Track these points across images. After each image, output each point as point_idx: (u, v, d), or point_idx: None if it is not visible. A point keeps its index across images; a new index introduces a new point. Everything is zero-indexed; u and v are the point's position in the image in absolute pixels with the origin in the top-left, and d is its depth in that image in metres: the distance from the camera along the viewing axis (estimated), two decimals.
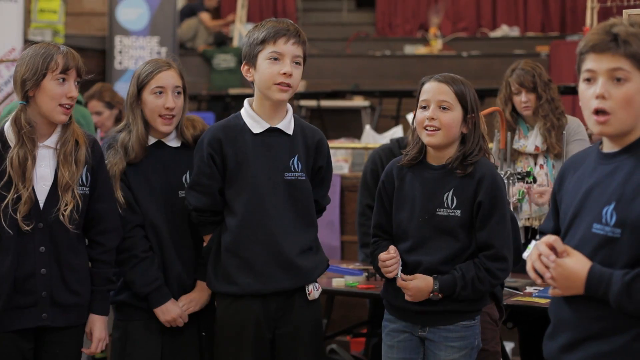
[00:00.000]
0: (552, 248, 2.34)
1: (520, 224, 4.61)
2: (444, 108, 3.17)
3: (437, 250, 3.17)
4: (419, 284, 3.14)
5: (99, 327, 3.31)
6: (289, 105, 3.39)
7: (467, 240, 3.18)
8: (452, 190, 3.18)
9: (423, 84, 3.25)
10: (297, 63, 3.27)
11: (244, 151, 3.31)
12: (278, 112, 3.35)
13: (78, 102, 5.75)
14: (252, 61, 3.30)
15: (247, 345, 3.31)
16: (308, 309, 3.37)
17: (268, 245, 3.28)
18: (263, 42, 3.25)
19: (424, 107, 3.20)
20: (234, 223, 3.31)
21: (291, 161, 3.33)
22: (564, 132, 4.50)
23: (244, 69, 3.34)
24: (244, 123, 3.35)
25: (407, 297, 3.17)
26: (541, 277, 2.37)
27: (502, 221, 3.17)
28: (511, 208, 4.04)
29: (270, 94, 3.27)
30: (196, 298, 3.50)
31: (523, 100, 4.64)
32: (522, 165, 4.69)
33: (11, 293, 3.11)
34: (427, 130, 3.17)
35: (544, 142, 4.59)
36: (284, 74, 3.22)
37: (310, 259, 3.35)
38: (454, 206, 3.17)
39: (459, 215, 3.16)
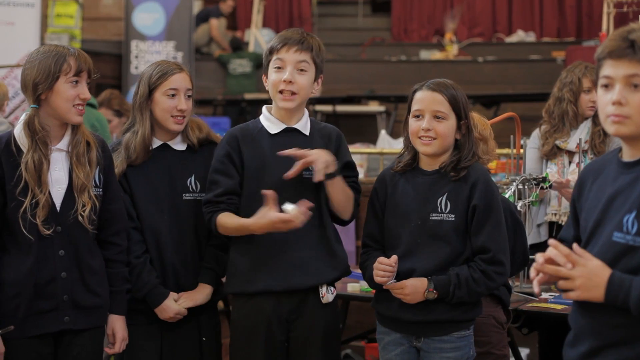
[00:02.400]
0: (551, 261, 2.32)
1: (547, 218, 4.65)
2: (438, 117, 3.16)
3: (431, 256, 3.14)
4: (415, 282, 3.10)
5: (120, 327, 3.32)
6: (305, 109, 3.44)
7: (461, 246, 3.16)
8: (445, 195, 3.16)
9: (415, 91, 3.24)
10: (301, 70, 3.32)
11: (261, 151, 3.34)
12: (294, 116, 3.39)
13: (92, 106, 5.78)
14: (265, 72, 3.39)
15: (259, 345, 3.32)
16: (322, 312, 3.37)
17: (282, 245, 3.29)
18: (271, 52, 3.35)
19: (418, 116, 3.19)
20: None
21: None
22: (609, 136, 4.50)
23: (263, 79, 3.43)
24: (262, 125, 3.39)
25: (404, 298, 3.12)
26: (557, 287, 2.35)
27: (497, 225, 3.15)
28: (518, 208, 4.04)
29: (277, 102, 3.34)
30: (192, 295, 3.48)
31: (593, 100, 4.60)
32: (556, 162, 4.69)
33: (33, 298, 3.11)
34: (422, 140, 3.17)
35: (587, 141, 4.58)
36: (284, 81, 3.28)
37: (324, 259, 3.35)
38: (447, 210, 3.15)
39: (453, 219, 3.14)
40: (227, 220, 3.28)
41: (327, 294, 3.35)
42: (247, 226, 3.21)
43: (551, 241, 2.33)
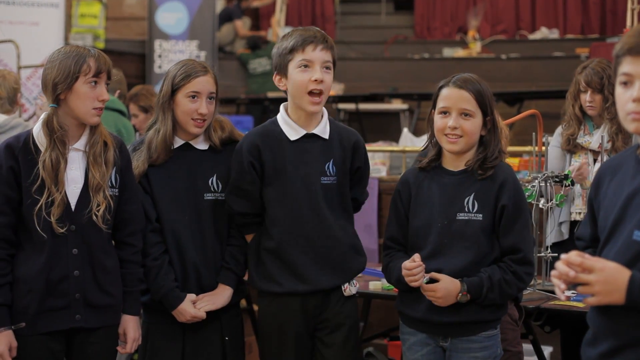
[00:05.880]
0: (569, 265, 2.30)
1: (572, 217, 4.68)
2: (466, 115, 3.13)
3: (457, 256, 3.12)
4: (448, 286, 3.07)
5: (132, 327, 3.33)
6: (324, 109, 3.41)
7: (488, 246, 3.13)
8: (473, 195, 3.14)
9: (441, 88, 3.21)
10: (327, 68, 3.30)
11: (282, 158, 3.34)
12: (314, 119, 3.38)
13: (122, 113, 5.82)
14: (283, 71, 3.33)
15: (289, 339, 3.37)
16: (345, 304, 3.42)
17: (308, 249, 3.33)
18: (292, 51, 3.28)
19: (444, 113, 3.17)
20: (274, 228, 3.35)
21: (327, 165, 3.36)
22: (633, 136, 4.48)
23: (275, 79, 3.37)
24: (281, 130, 3.37)
25: (435, 302, 3.09)
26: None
27: (526, 225, 3.14)
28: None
29: (303, 106, 3.30)
30: (212, 298, 3.48)
31: (588, 99, 4.65)
32: (579, 159, 4.68)
33: (44, 295, 3.14)
34: (448, 137, 3.15)
35: (609, 141, 4.57)
36: (315, 80, 3.25)
37: (348, 259, 3.40)
38: (475, 210, 3.12)
39: (481, 219, 3.12)
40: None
41: (349, 287, 3.40)
42: None
43: (563, 256, 2.30)
